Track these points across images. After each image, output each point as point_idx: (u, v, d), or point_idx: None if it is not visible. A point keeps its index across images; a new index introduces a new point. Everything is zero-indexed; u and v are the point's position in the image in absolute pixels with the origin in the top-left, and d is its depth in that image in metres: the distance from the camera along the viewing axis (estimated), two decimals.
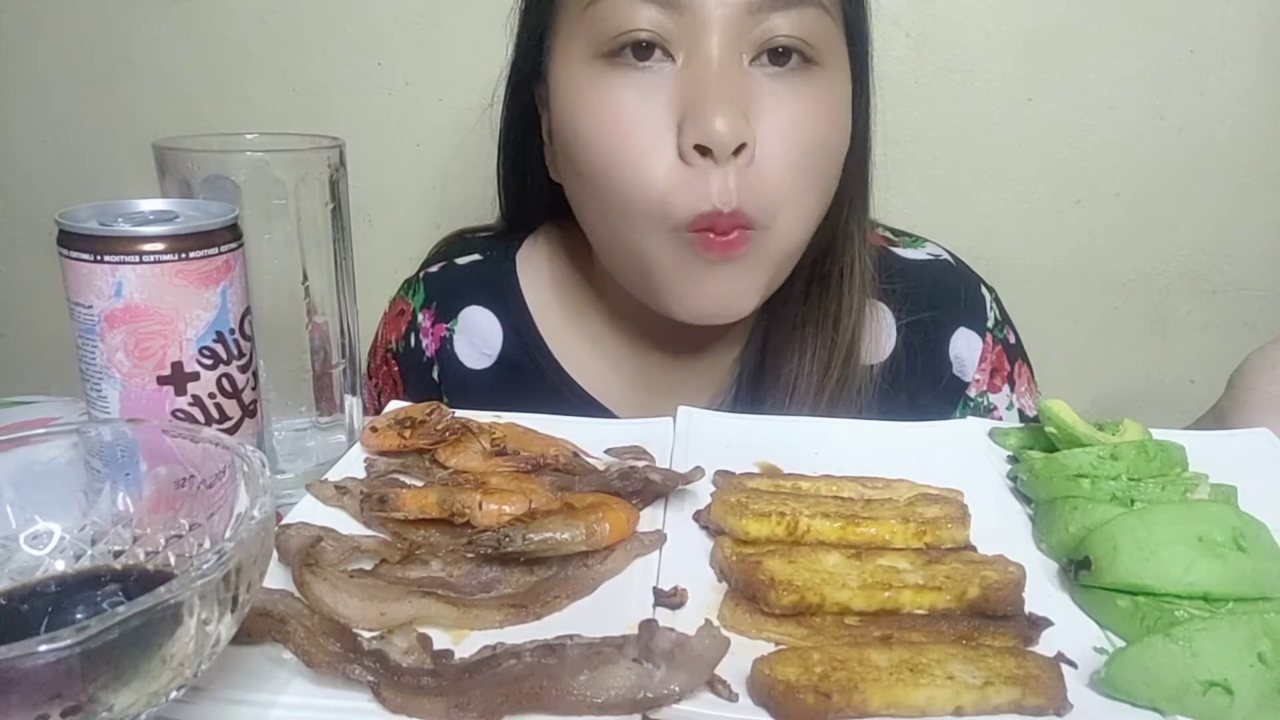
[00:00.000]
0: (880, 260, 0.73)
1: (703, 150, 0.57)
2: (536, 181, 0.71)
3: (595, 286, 0.73)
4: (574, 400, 0.74)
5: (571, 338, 0.74)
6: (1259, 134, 1.12)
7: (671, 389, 0.74)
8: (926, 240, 0.80)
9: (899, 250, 0.77)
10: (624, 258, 0.64)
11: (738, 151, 0.57)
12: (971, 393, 0.76)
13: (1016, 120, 1.13)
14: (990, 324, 0.77)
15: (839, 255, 0.69)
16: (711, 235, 0.58)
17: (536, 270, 0.77)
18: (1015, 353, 0.79)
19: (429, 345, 0.76)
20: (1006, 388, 0.77)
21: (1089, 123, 1.13)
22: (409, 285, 0.80)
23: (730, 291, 0.62)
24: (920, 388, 0.73)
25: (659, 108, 0.58)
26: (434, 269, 0.79)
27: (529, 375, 0.74)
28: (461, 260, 0.78)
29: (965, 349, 0.75)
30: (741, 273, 0.61)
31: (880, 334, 0.72)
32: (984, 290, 0.78)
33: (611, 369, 0.75)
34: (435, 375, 0.77)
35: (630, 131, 0.58)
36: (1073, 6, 1.09)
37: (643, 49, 0.58)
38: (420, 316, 0.77)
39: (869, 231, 0.72)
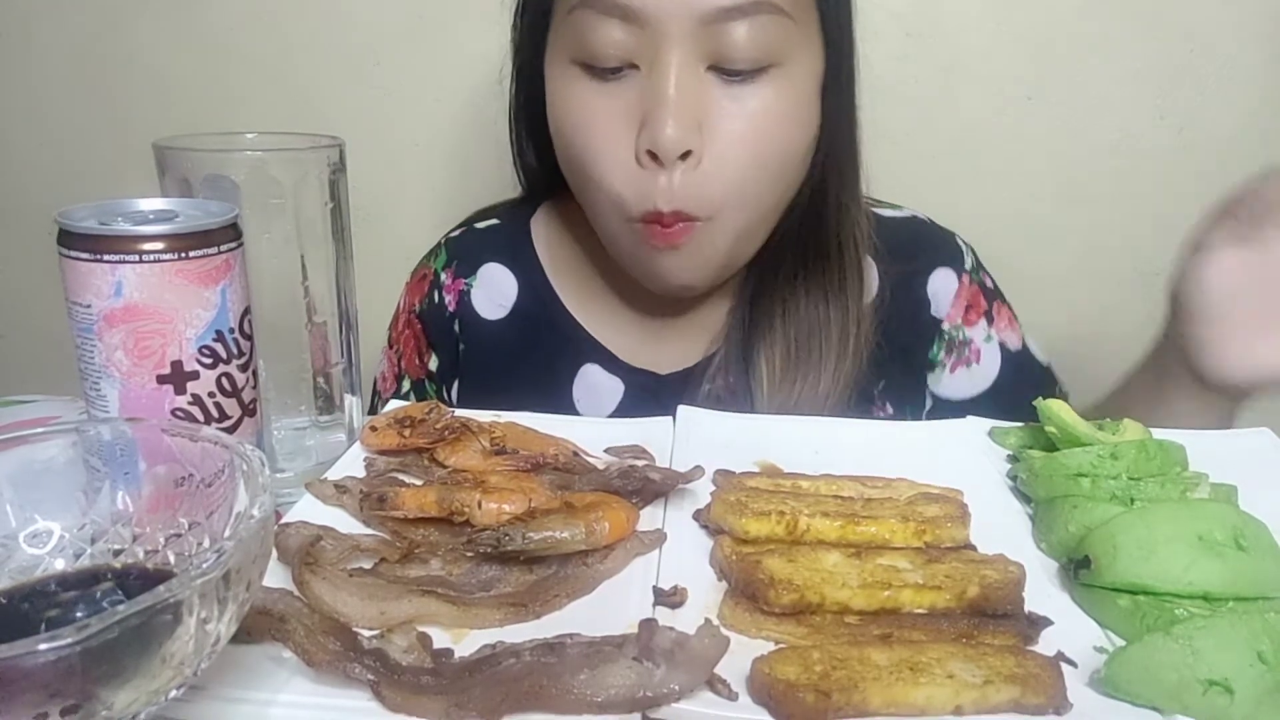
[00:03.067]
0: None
1: (653, 155, 0.63)
2: (548, 154, 0.75)
3: (600, 249, 0.78)
4: (584, 346, 0.79)
5: (580, 291, 0.81)
6: (1259, 134, 1.12)
7: (672, 337, 0.79)
8: (904, 206, 0.85)
9: (880, 211, 0.82)
10: (600, 234, 0.73)
11: (685, 156, 0.63)
12: (945, 326, 0.79)
13: (1016, 120, 1.13)
14: (967, 265, 0.81)
15: (833, 227, 0.74)
16: (658, 227, 0.65)
17: (549, 232, 0.83)
18: (993, 294, 0.82)
19: (450, 301, 0.82)
20: (983, 321, 0.80)
21: (1089, 123, 1.12)
22: (431, 253, 0.86)
23: (679, 271, 0.69)
24: (900, 329, 0.77)
25: (622, 114, 0.64)
26: (455, 233, 0.86)
27: (542, 324, 0.80)
28: (480, 225, 0.86)
29: (942, 286, 0.79)
30: (688, 256, 0.67)
31: (866, 284, 0.77)
32: (960, 241, 0.82)
33: (617, 319, 0.80)
34: (456, 328, 0.82)
35: (597, 135, 0.65)
36: (1072, 6, 1.09)
37: (613, 71, 0.64)
38: (442, 275, 0.83)
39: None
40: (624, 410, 0.77)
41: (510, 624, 0.41)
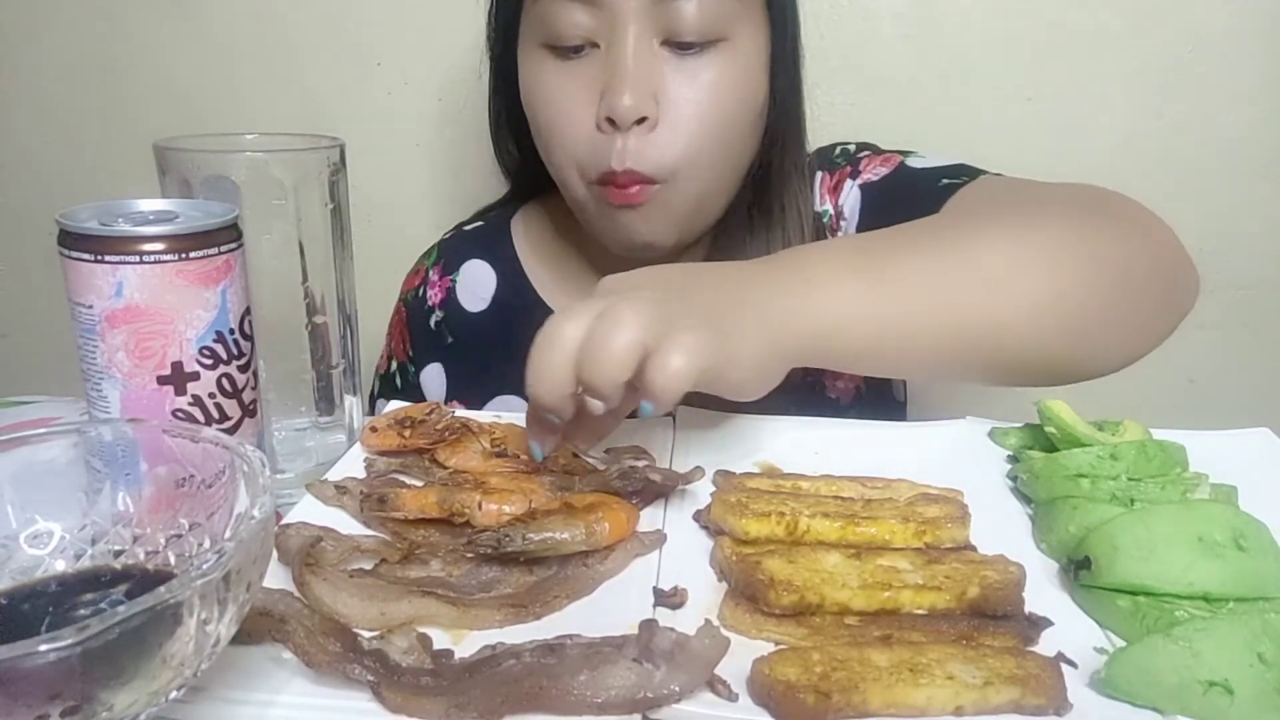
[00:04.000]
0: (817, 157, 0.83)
1: (611, 122, 0.68)
2: (527, 143, 0.80)
3: (575, 242, 0.86)
4: None
5: (557, 282, 0.87)
6: (1259, 134, 1.12)
7: None
8: None
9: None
10: (570, 204, 0.78)
11: (640, 122, 0.68)
12: (825, 220, 0.81)
13: (1016, 120, 1.13)
14: (834, 155, 0.83)
15: (777, 191, 0.78)
16: (614, 188, 0.70)
17: (528, 230, 0.91)
18: (856, 155, 0.82)
19: (434, 296, 0.91)
20: (849, 181, 0.81)
21: (1089, 123, 1.12)
22: (426, 252, 0.95)
23: (641, 229, 0.73)
24: None
25: (584, 88, 0.70)
26: (447, 235, 0.95)
27: (519, 314, 0.85)
28: (468, 226, 0.94)
29: (819, 192, 0.82)
30: (647, 216, 0.72)
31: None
32: (841, 144, 0.84)
33: None
34: (433, 322, 0.90)
35: (561, 107, 0.71)
36: (1072, 6, 1.09)
37: (575, 49, 0.70)
38: (431, 273, 0.92)
39: (809, 165, 0.81)
40: None
41: (510, 625, 0.41)
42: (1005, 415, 0.63)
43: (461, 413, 0.60)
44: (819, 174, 0.82)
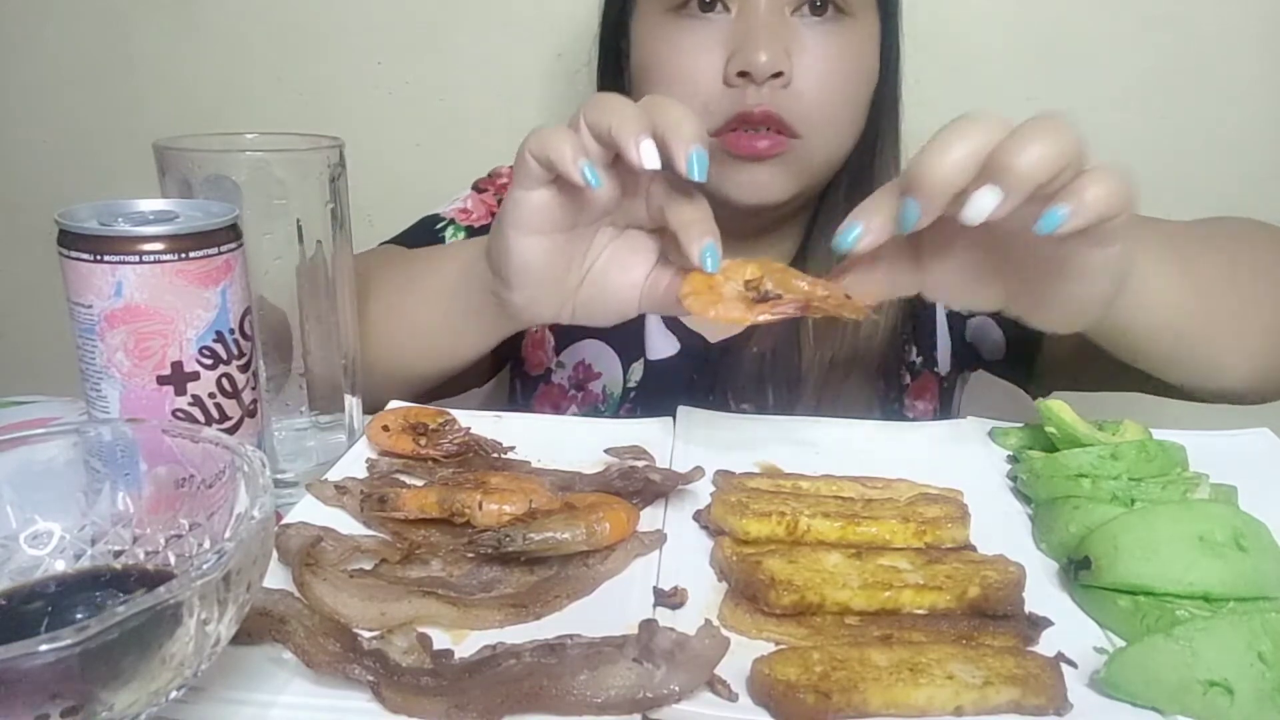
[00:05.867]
0: None
1: (743, 75, 0.69)
2: None
3: None
4: None
5: None
6: (1259, 134, 1.12)
7: None
8: None
9: None
10: None
11: (775, 77, 0.69)
12: None
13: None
14: None
15: (879, 177, 0.78)
16: (744, 138, 0.70)
17: None
18: None
19: None
20: None
21: (1089, 123, 1.12)
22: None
23: (763, 184, 0.73)
24: None
25: (714, 47, 0.71)
26: None
27: None
28: None
29: None
30: (774, 171, 0.72)
31: None
32: None
33: None
34: None
35: (686, 62, 0.72)
36: (1074, 6, 1.09)
37: (706, 4, 0.71)
38: None
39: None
40: (673, 364, 0.83)
41: (510, 625, 0.41)
42: (1005, 415, 0.63)
43: (466, 419, 0.59)
44: None
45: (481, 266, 0.57)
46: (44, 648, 0.25)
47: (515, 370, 0.91)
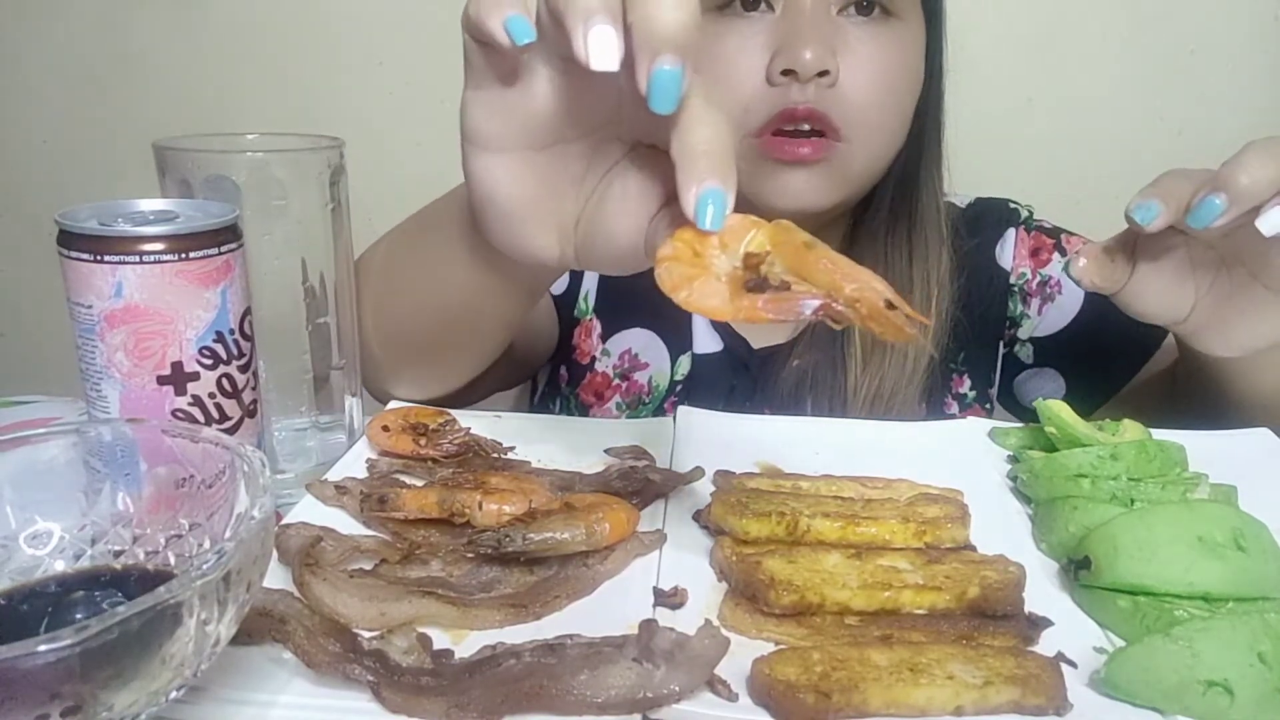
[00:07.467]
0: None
1: (787, 74, 0.67)
2: None
3: None
4: None
5: None
6: (1259, 134, 1.11)
7: None
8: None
9: (950, 198, 0.85)
10: None
11: (821, 76, 0.66)
12: (1013, 280, 0.83)
13: (1016, 120, 1.13)
14: (1022, 218, 0.85)
15: (924, 185, 0.77)
16: (786, 142, 0.67)
17: None
18: (1057, 231, 0.84)
19: None
20: (1056, 255, 0.82)
21: (1089, 123, 1.13)
22: None
23: (805, 188, 0.70)
24: (976, 299, 0.80)
25: (757, 46, 0.69)
26: None
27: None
28: None
29: (1008, 247, 0.84)
30: (817, 175, 0.70)
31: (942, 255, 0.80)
32: (1013, 203, 0.87)
33: None
34: None
35: (727, 59, 0.69)
36: (1073, 6, 1.09)
37: (749, 2, 0.69)
38: None
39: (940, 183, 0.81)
40: (718, 362, 0.81)
41: (510, 625, 0.41)
42: (1005, 415, 0.63)
43: (466, 420, 0.59)
44: (1012, 229, 0.83)
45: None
46: (44, 648, 0.25)
47: (564, 358, 0.87)
